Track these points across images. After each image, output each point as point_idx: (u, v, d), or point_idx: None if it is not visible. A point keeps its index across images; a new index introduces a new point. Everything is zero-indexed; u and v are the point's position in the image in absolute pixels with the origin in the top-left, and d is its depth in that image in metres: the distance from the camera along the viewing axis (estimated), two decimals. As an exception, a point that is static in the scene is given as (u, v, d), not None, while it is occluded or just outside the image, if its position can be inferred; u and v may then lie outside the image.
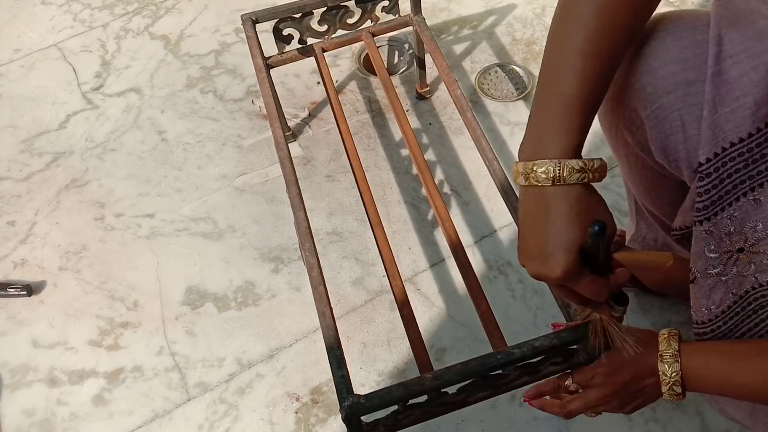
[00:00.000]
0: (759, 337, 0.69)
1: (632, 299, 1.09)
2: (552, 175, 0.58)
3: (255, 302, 1.16)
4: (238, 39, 1.59)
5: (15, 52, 1.63)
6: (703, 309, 0.71)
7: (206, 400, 1.06)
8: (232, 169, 1.35)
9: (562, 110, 0.59)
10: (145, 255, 1.23)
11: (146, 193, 1.32)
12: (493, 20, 1.56)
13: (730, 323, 0.70)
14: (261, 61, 1.14)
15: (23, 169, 1.39)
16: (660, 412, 0.98)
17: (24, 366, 1.12)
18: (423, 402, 0.74)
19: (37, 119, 1.48)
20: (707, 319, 0.71)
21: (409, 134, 1.09)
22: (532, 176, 0.59)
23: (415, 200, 1.26)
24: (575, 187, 0.59)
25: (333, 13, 1.17)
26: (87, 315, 1.17)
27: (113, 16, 1.69)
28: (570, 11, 0.59)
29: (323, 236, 1.22)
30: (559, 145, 0.59)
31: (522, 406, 1.01)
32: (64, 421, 1.05)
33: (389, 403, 0.70)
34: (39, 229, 1.29)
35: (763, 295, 0.67)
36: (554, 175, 0.58)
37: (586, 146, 0.62)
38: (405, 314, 0.87)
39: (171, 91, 1.50)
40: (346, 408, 0.69)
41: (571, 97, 0.59)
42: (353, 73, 1.50)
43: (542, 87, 0.61)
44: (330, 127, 1.39)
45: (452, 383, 0.71)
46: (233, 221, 1.27)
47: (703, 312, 0.71)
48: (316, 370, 1.07)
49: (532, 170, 0.59)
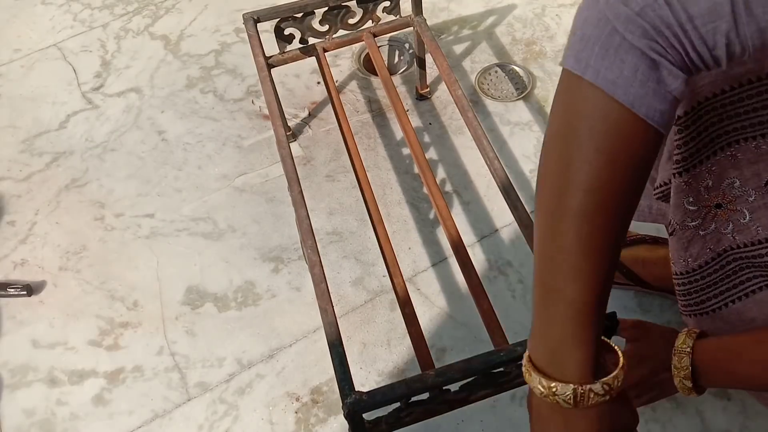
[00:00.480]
0: (738, 299, 0.73)
1: (632, 299, 1.09)
2: (574, 401, 0.53)
3: (255, 302, 1.16)
4: (238, 39, 1.59)
5: (15, 52, 1.63)
6: (681, 261, 0.74)
7: (206, 400, 1.06)
8: (232, 169, 1.35)
9: (574, 322, 0.52)
10: (145, 255, 1.23)
11: (146, 193, 1.32)
12: (493, 20, 1.56)
13: (708, 279, 0.73)
14: (262, 60, 1.14)
15: (23, 169, 1.39)
16: (660, 412, 0.98)
17: (24, 366, 1.12)
18: (425, 400, 0.74)
19: (37, 119, 1.48)
20: (684, 271, 0.74)
21: (410, 134, 1.09)
22: (551, 398, 0.54)
23: (415, 200, 1.26)
24: (598, 407, 0.54)
25: (334, 13, 1.18)
26: (87, 315, 1.17)
27: (113, 16, 1.69)
28: (563, 205, 0.50)
29: (323, 236, 1.22)
30: (578, 361, 0.53)
31: (522, 406, 1.01)
32: (64, 421, 1.05)
33: (391, 400, 0.70)
34: (39, 229, 1.29)
35: (741, 257, 0.70)
36: (577, 400, 0.53)
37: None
38: (407, 312, 0.87)
39: (171, 91, 1.50)
40: (349, 405, 0.69)
41: (582, 305, 0.52)
42: (353, 73, 1.50)
43: (544, 289, 0.54)
44: (330, 127, 1.39)
45: (454, 381, 0.71)
46: (233, 221, 1.27)
47: (680, 263, 0.74)
48: (316, 370, 1.07)
49: (551, 392, 0.54)
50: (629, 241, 1.08)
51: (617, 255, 0.53)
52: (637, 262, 1.05)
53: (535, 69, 1.44)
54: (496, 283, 1.14)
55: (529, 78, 1.43)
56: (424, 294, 1.14)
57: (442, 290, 1.14)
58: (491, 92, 1.42)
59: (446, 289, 1.14)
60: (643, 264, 1.05)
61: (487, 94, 1.41)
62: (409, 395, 0.71)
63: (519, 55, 1.47)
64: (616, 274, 1.05)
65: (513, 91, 1.42)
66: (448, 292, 1.14)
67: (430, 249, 1.19)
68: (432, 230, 1.22)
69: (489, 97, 1.41)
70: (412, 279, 1.16)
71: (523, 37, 1.51)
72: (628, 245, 1.07)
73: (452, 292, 1.13)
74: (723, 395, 0.98)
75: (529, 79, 1.43)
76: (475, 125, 1.03)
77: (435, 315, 1.11)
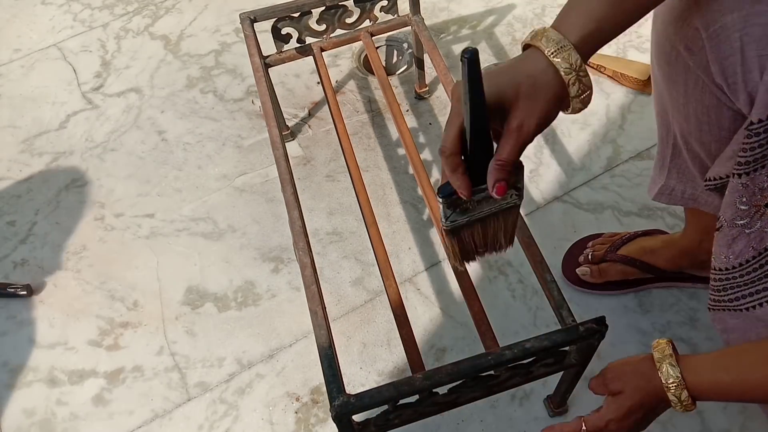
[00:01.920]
0: None
1: (632, 299, 1.09)
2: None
3: (255, 302, 1.16)
4: (238, 39, 1.59)
5: (15, 52, 1.63)
6: (722, 257, 0.72)
7: (206, 400, 1.06)
8: (232, 169, 1.35)
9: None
10: (145, 255, 1.23)
11: (146, 193, 1.33)
12: (493, 20, 1.56)
13: (747, 277, 0.71)
14: (258, 60, 1.14)
15: (23, 169, 1.39)
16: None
17: (24, 366, 1.12)
18: (414, 402, 0.74)
19: (37, 119, 1.48)
20: (725, 267, 0.72)
21: (406, 134, 1.09)
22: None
23: (415, 200, 1.26)
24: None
25: (331, 12, 1.17)
26: (87, 315, 1.17)
27: (113, 16, 1.69)
28: None
29: (323, 236, 1.22)
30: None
31: (522, 406, 1.01)
32: (64, 421, 1.05)
33: (379, 403, 0.70)
34: (39, 229, 1.29)
35: None
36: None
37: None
38: (398, 315, 0.87)
39: (171, 91, 1.50)
40: (336, 407, 0.69)
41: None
42: (353, 72, 1.50)
43: None
44: (330, 127, 1.39)
45: (442, 384, 0.70)
46: (233, 221, 1.27)
47: (722, 259, 0.72)
48: (316, 370, 1.07)
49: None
50: (627, 239, 1.09)
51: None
52: (646, 252, 1.07)
53: (534, 68, 1.44)
54: (495, 283, 1.14)
55: (529, 77, 1.43)
56: (424, 294, 1.14)
57: (443, 290, 1.14)
58: (491, 92, 1.42)
59: (446, 289, 1.14)
60: (652, 252, 1.06)
61: (486, 94, 1.41)
62: (397, 398, 0.71)
63: (519, 55, 1.47)
64: (632, 272, 1.07)
65: (513, 90, 1.42)
66: (449, 292, 1.14)
67: (430, 249, 1.19)
68: (432, 230, 1.22)
69: (489, 97, 1.40)
70: (412, 279, 1.16)
71: (523, 37, 1.51)
72: (627, 243, 1.08)
73: (452, 292, 1.13)
74: (723, 395, 0.98)
75: (528, 78, 1.43)
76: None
77: (435, 315, 1.11)
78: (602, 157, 1.29)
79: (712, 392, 0.65)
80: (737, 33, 0.61)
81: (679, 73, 0.70)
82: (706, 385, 0.65)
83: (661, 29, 0.70)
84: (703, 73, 0.67)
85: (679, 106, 0.74)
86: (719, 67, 0.64)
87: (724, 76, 0.65)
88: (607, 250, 1.09)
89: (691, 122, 0.75)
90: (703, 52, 0.65)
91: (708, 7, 0.62)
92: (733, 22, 0.61)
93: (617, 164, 1.27)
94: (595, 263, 1.09)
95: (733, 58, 0.63)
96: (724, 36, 0.62)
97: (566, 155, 1.29)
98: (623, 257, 1.07)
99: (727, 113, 0.70)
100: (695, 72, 0.68)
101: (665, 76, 0.73)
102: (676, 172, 0.85)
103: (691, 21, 0.64)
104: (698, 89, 0.69)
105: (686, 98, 0.72)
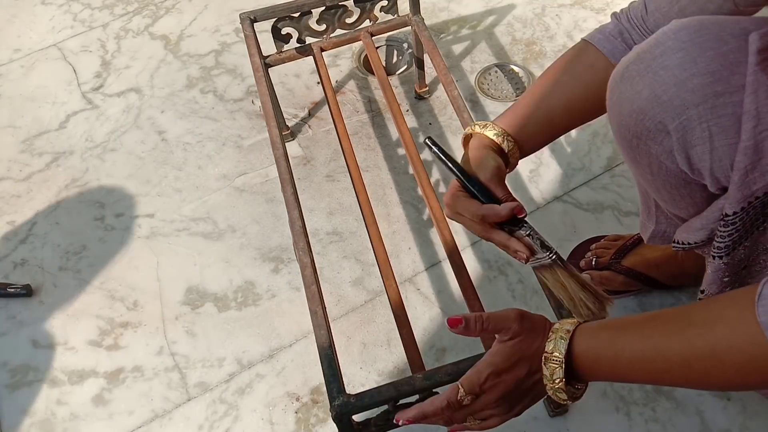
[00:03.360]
0: None
1: (632, 299, 1.09)
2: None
3: (255, 302, 1.16)
4: (238, 39, 1.59)
5: (15, 52, 1.63)
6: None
7: (206, 400, 1.06)
8: (232, 169, 1.35)
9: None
10: (145, 255, 1.23)
11: (146, 193, 1.33)
12: (493, 20, 1.56)
13: None
14: (258, 60, 1.14)
15: (23, 169, 1.39)
16: (660, 412, 0.98)
17: (24, 366, 1.12)
18: (414, 402, 0.74)
19: (37, 119, 1.48)
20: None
21: (406, 134, 1.09)
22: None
23: (415, 200, 1.26)
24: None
25: (331, 12, 1.18)
26: (87, 315, 1.17)
27: (113, 16, 1.69)
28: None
29: (323, 236, 1.22)
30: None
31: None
32: (64, 421, 1.05)
33: (379, 403, 0.70)
34: (39, 229, 1.29)
35: None
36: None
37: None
38: (398, 314, 0.87)
39: (171, 91, 1.50)
40: (336, 407, 0.69)
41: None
42: (353, 73, 1.50)
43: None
44: (330, 127, 1.39)
45: (443, 384, 0.71)
46: (233, 221, 1.27)
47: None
48: (316, 370, 1.07)
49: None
50: (630, 243, 1.07)
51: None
52: (650, 267, 1.05)
53: (535, 69, 1.44)
54: (495, 284, 1.14)
55: (529, 78, 1.43)
56: (424, 294, 1.14)
57: (443, 290, 1.14)
58: (491, 92, 1.42)
59: (447, 289, 1.14)
60: (656, 267, 1.05)
61: (486, 95, 1.41)
62: (397, 398, 0.71)
63: (519, 56, 1.47)
64: (635, 284, 1.07)
65: (512, 91, 1.42)
66: (449, 292, 1.14)
67: (430, 249, 1.19)
68: (432, 230, 1.22)
69: (489, 98, 1.41)
70: (413, 279, 1.16)
71: (523, 37, 1.51)
72: (631, 250, 1.07)
73: (453, 292, 1.13)
74: (723, 395, 0.98)
75: (528, 79, 1.43)
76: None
77: (435, 315, 1.11)
78: (602, 157, 1.29)
79: (591, 345, 0.59)
80: (705, 124, 0.62)
81: (642, 157, 0.70)
82: (586, 341, 0.59)
83: (619, 121, 0.69)
84: (667, 159, 0.67)
85: (648, 182, 0.75)
86: (685, 155, 0.65)
87: (689, 164, 0.65)
88: (611, 257, 1.08)
89: (662, 195, 0.76)
90: (667, 141, 0.65)
91: (670, 103, 0.62)
92: (699, 115, 0.61)
93: (617, 164, 1.27)
94: (598, 269, 1.09)
95: (701, 147, 0.63)
96: (690, 127, 0.62)
97: (566, 155, 1.29)
98: (627, 270, 1.06)
99: (696, 187, 0.71)
100: (658, 158, 0.68)
101: (629, 158, 0.74)
102: (665, 218, 0.85)
103: (653, 115, 0.64)
104: (662, 172, 0.70)
105: (653, 176, 0.72)
